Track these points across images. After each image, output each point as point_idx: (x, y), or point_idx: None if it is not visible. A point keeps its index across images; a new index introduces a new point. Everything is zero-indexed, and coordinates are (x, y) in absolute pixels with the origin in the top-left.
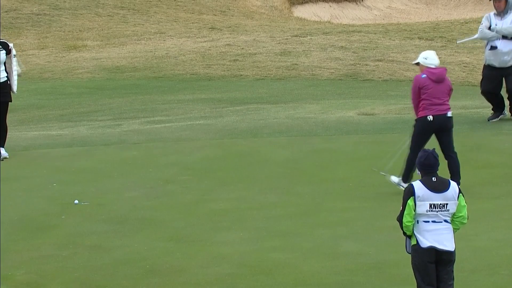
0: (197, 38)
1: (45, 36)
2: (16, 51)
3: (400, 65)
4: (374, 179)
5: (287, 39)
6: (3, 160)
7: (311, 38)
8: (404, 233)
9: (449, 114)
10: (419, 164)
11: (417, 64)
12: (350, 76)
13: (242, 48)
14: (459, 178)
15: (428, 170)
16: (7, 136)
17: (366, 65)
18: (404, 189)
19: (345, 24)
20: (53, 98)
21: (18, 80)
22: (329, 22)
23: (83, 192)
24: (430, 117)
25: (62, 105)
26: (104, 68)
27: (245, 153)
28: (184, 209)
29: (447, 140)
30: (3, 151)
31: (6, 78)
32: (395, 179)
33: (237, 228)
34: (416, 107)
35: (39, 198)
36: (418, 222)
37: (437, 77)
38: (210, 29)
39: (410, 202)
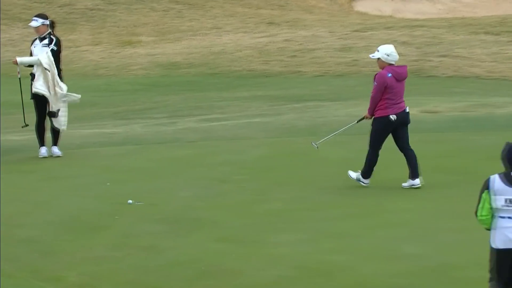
0: (254, 33)
1: (100, 31)
2: (70, 47)
3: (466, 61)
4: (436, 179)
5: (347, 34)
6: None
7: (372, 33)
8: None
9: (407, 109)
10: (505, 158)
11: (376, 58)
12: (413, 73)
13: (301, 44)
14: (418, 170)
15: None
16: (60, 135)
17: (430, 61)
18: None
19: (408, 19)
20: (107, 95)
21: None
22: (391, 16)
23: (136, 192)
24: (394, 117)
25: (116, 102)
26: (159, 65)
27: (303, 152)
28: (239, 210)
29: (405, 134)
30: (56, 149)
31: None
32: (352, 174)
33: (294, 229)
34: (375, 106)
35: (91, 198)
36: (495, 218)
37: (402, 77)
38: (268, 24)
39: (484, 195)
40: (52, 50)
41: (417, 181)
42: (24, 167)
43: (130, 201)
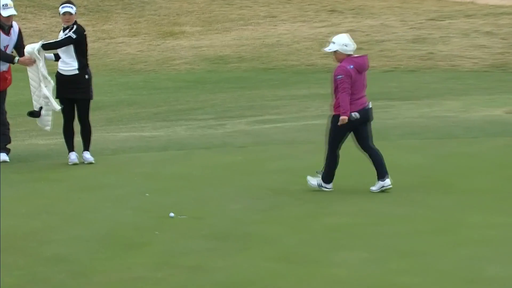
0: (314, 22)
1: (137, 21)
2: (104, 38)
3: None
4: None
5: (421, 23)
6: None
7: (450, 22)
8: None
9: (370, 105)
10: None
11: (333, 51)
12: (498, 67)
13: (368, 34)
14: (386, 169)
15: None
16: (92, 138)
17: None
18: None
19: (492, 5)
20: (146, 93)
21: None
22: (472, 2)
23: (180, 204)
24: (357, 115)
25: (156, 102)
26: (205, 58)
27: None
28: (297, 224)
29: (369, 133)
30: (88, 155)
31: (78, 71)
32: (312, 180)
33: (359, 246)
34: (349, 102)
35: (129, 210)
36: None
37: (363, 68)
38: (330, 12)
39: None
40: (69, 38)
41: (387, 182)
42: (52, 175)
43: (172, 214)
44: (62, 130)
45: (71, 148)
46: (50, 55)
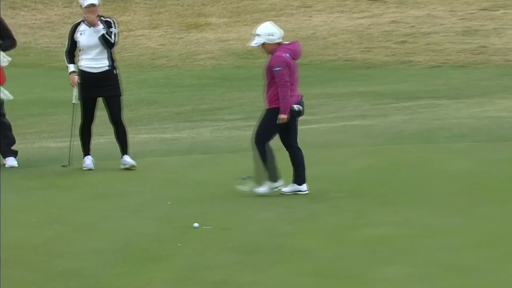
0: (353, 13)
1: (158, 11)
2: (122, 31)
3: None
4: None
5: (472, 13)
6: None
7: (505, 12)
8: None
9: (303, 99)
10: None
11: (261, 45)
12: None
13: (413, 26)
14: (304, 169)
15: None
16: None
17: None
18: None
19: None
20: (167, 91)
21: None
22: None
23: (205, 213)
24: (300, 107)
25: (179, 101)
26: (232, 53)
27: (415, 163)
28: (334, 236)
29: (296, 130)
30: (128, 158)
31: (109, 67)
32: (261, 189)
33: (403, 261)
34: (288, 97)
35: (148, 220)
36: None
37: (297, 55)
38: (371, 1)
39: None
40: (115, 35)
41: (304, 187)
42: (65, 182)
43: (196, 224)
44: (79, 132)
45: (87, 151)
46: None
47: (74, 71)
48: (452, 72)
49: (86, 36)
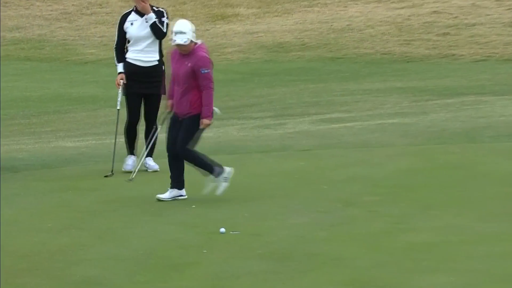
0: (391, 3)
1: (183, 1)
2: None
3: None
4: None
5: None
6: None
7: None
8: None
9: None
10: None
11: (189, 42)
12: None
13: (456, 17)
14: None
15: None
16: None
17: None
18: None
19: None
20: None
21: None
22: None
23: (232, 218)
24: (219, 111)
25: None
26: (261, 46)
27: (458, 164)
28: (371, 242)
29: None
30: (152, 162)
31: (158, 62)
32: (223, 186)
33: (445, 269)
34: (196, 99)
35: (172, 225)
36: None
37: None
38: None
39: None
40: (167, 25)
41: (184, 192)
42: (83, 184)
43: (222, 229)
44: (125, 130)
45: (132, 150)
46: None
47: (122, 72)
48: (498, 66)
49: (136, 26)
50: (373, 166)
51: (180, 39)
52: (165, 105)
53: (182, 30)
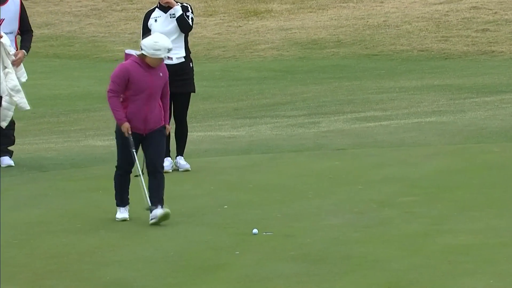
0: None
1: None
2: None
3: None
4: None
5: None
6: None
7: None
8: None
9: None
10: None
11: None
12: None
13: (496, 13)
14: None
15: None
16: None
17: None
18: None
19: None
20: (224, 85)
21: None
22: None
23: (265, 218)
24: None
25: (237, 95)
26: (295, 43)
27: (497, 164)
28: (408, 244)
29: None
30: (183, 161)
31: (185, 58)
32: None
33: (484, 272)
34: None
35: (204, 226)
36: None
37: None
38: None
39: None
40: (192, 20)
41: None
42: (112, 184)
43: (255, 230)
44: None
45: (166, 153)
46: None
47: None
48: None
49: (161, 22)
50: (409, 166)
51: (174, 56)
52: (125, 129)
53: (161, 42)
